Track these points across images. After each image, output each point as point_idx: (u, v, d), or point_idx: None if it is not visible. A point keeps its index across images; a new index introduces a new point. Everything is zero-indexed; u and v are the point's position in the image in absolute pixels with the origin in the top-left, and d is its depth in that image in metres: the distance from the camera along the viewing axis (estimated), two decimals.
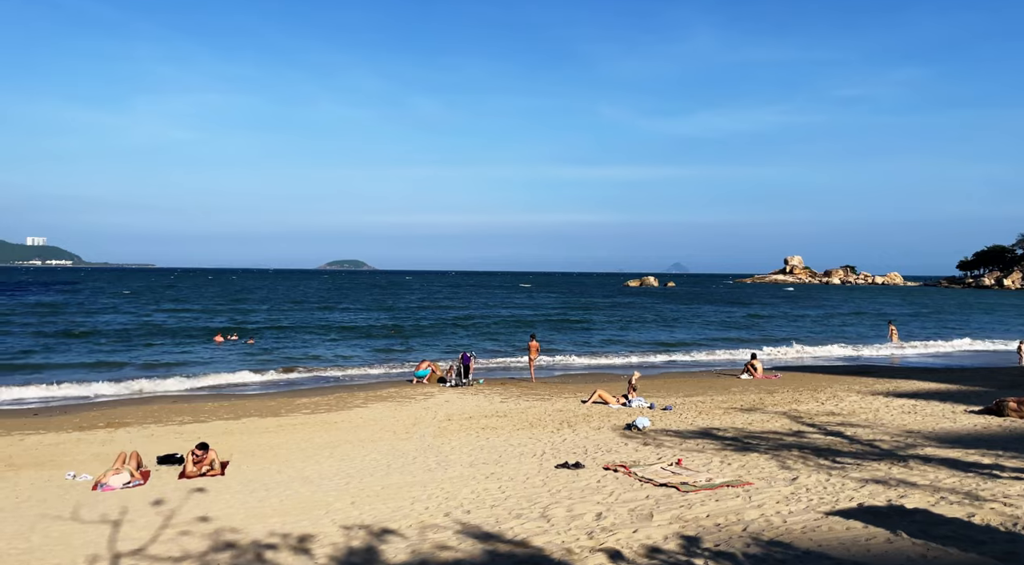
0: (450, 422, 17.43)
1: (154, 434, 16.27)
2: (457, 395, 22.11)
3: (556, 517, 8.88)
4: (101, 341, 37.30)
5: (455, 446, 14.41)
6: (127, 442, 15.06)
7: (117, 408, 20.28)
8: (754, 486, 10.15)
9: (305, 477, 12.02)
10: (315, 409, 19.62)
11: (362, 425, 17.19)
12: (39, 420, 18.28)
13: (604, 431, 15.70)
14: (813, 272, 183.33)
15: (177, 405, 20.72)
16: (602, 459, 12.50)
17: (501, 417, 18.00)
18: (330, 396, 22.16)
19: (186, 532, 8.95)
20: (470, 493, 10.46)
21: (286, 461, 13.35)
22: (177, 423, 17.61)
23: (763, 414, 17.66)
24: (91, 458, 13.74)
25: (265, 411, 19.37)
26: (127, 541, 8.64)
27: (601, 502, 9.54)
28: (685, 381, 25.62)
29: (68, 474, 12.24)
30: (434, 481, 11.42)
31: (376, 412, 19.07)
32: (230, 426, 17.20)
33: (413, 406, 20.09)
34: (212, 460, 12.51)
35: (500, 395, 22.05)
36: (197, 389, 24.57)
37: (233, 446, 14.58)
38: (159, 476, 12.34)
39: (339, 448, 14.47)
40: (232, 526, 9.15)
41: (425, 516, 9.30)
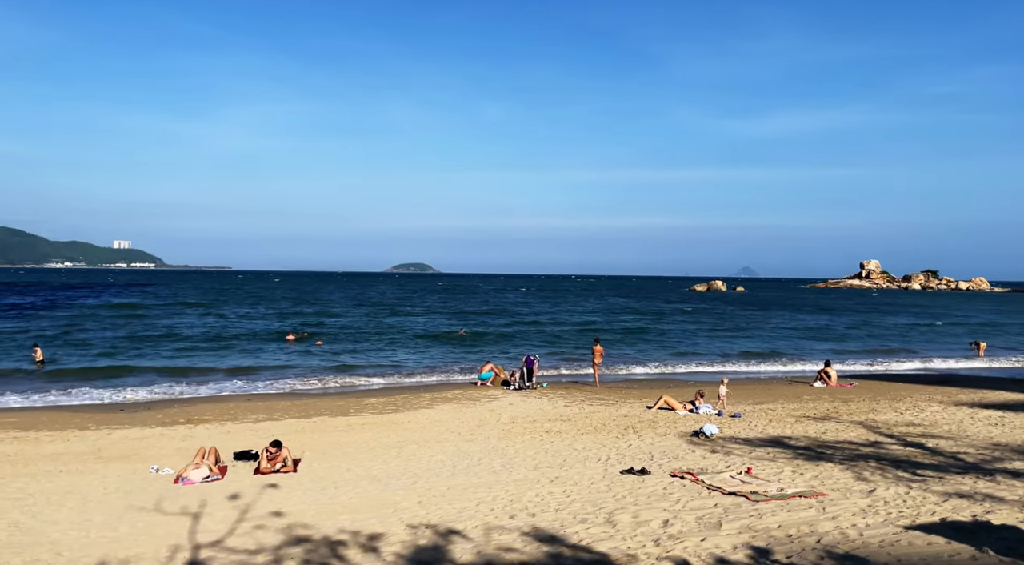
0: (514, 425, 17.49)
1: (231, 431, 16.89)
2: (521, 398, 22.17)
3: (621, 523, 8.80)
4: (181, 341, 38.96)
5: (519, 449, 14.45)
6: (206, 438, 15.67)
7: (196, 405, 21.14)
8: (828, 497, 9.82)
9: (373, 476, 12.27)
10: (382, 409, 19.99)
11: (428, 426, 17.43)
12: (125, 415, 19.22)
13: (670, 437, 15.47)
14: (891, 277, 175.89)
15: (252, 403, 21.47)
16: (668, 466, 12.32)
17: (565, 421, 17.95)
18: (397, 397, 22.56)
19: (261, 526, 9.26)
20: (535, 496, 10.47)
21: (355, 459, 13.65)
22: (252, 420, 18.24)
23: (837, 423, 17.07)
24: (173, 452, 14.36)
25: (335, 410, 19.86)
26: (206, 533, 9.00)
27: (668, 509, 9.41)
28: (754, 388, 25.00)
29: (152, 467, 12.83)
30: (499, 483, 11.48)
31: (441, 413, 19.30)
32: (302, 424, 17.71)
33: (477, 408, 20.24)
34: (285, 457, 12.91)
35: (564, 399, 21.99)
36: (270, 388, 25.38)
37: (304, 444, 15.00)
38: (236, 471, 12.80)
39: (406, 448, 14.71)
40: (304, 522, 9.42)
41: (490, 518, 9.36)
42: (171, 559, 7.96)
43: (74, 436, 15.96)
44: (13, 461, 13.48)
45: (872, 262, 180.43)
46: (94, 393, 23.53)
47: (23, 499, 10.76)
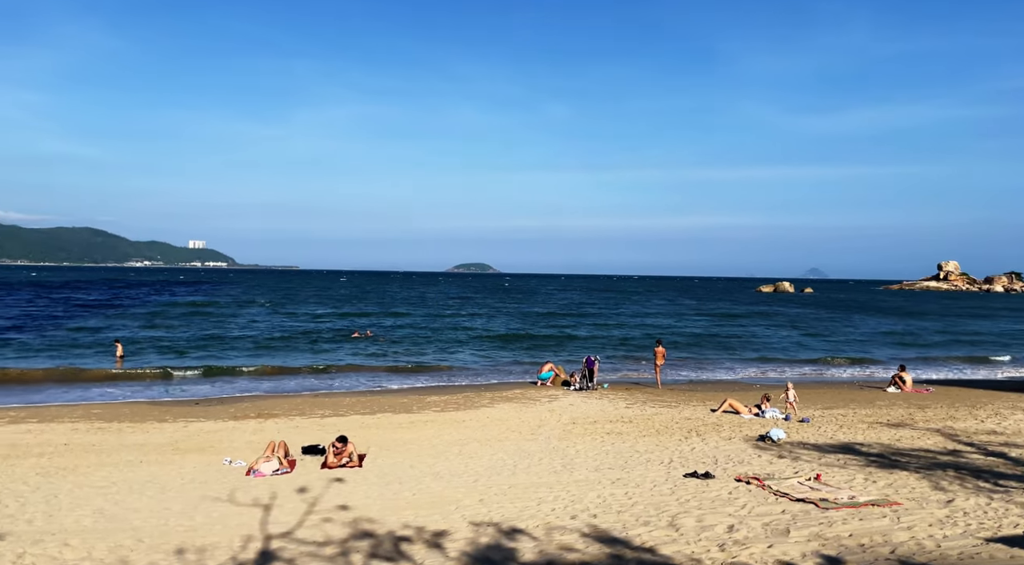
0: (574, 425, 17.45)
1: (299, 425, 17.38)
2: (581, 399, 22.09)
3: (685, 527, 8.68)
4: (250, 339, 40.28)
5: (580, 450, 14.41)
6: (275, 432, 16.17)
7: (266, 400, 21.83)
8: (903, 506, 9.46)
9: (436, 473, 12.44)
10: (444, 407, 20.23)
11: (488, 424, 17.55)
12: (200, 409, 20.00)
13: (735, 441, 15.16)
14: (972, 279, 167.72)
15: (318, 399, 22.05)
16: (733, 470, 12.08)
17: (626, 423, 17.80)
18: (458, 395, 22.79)
19: (328, 519, 9.50)
20: (596, 497, 10.43)
21: (418, 456, 13.86)
22: (319, 416, 18.72)
23: (913, 430, 16.41)
24: (244, 445, 14.87)
25: (398, 407, 20.21)
26: (276, 524, 9.30)
27: (733, 514, 9.23)
28: (823, 392, 24.25)
29: (225, 459, 13.32)
30: (559, 483, 11.48)
31: (502, 412, 19.40)
32: (366, 420, 18.08)
33: (537, 408, 20.27)
34: (351, 452, 13.21)
35: (625, 400, 21.81)
36: (336, 384, 26.00)
37: (369, 439, 15.31)
38: (303, 465, 13.17)
39: (467, 446, 14.85)
40: (369, 516, 9.62)
41: (551, 517, 9.37)
42: (244, 549, 8.25)
43: (153, 428, 16.70)
44: (98, 451, 14.20)
45: (951, 263, 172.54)
46: (171, 388, 24.59)
47: (107, 487, 11.32)
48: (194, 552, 8.11)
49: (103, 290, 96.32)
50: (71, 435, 15.69)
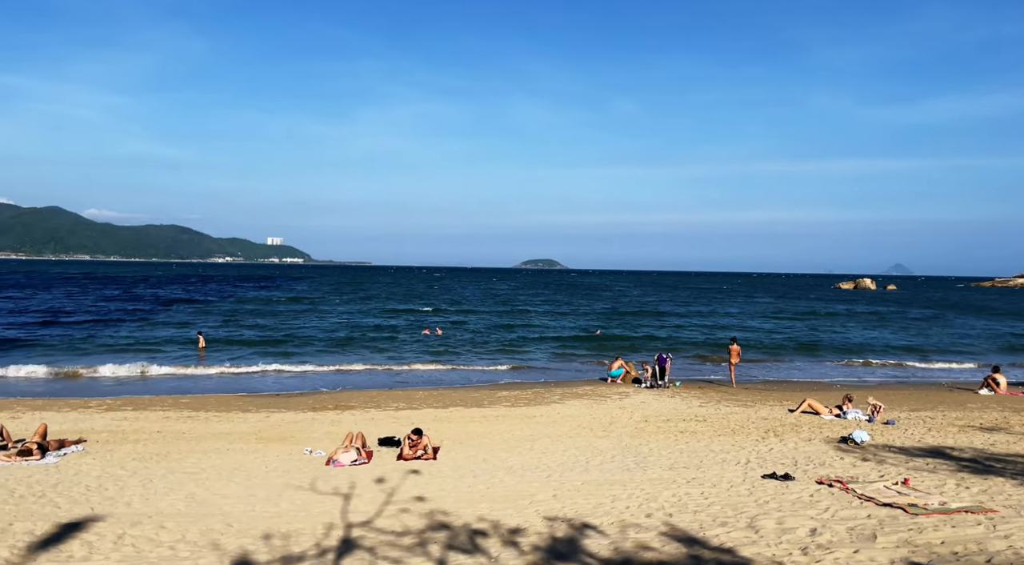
0: (647, 423, 17.26)
1: (374, 417, 17.80)
2: (653, 396, 21.83)
3: (765, 529, 8.48)
4: (327, 331, 41.46)
5: (653, 448, 14.26)
6: (352, 424, 16.61)
7: (343, 392, 22.45)
8: (999, 514, 8.97)
9: (508, 467, 12.53)
10: (515, 403, 20.35)
11: (559, 421, 17.55)
12: (280, 400, 20.72)
13: (815, 443, 14.69)
14: None
15: (393, 392, 22.52)
16: (814, 472, 11.72)
17: (700, 422, 17.50)
18: (528, 391, 22.88)
19: (405, 510, 9.71)
20: (671, 496, 10.29)
21: (490, 450, 14.00)
22: (393, 408, 19.13)
23: (1009, 435, 15.54)
24: (323, 436, 15.34)
25: (469, 401, 20.44)
26: (356, 514, 9.56)
27: (815, 517, 8.96)
28: (910, 394, 23.23)
29: (306, 449, 13.78)
30: (633, 481, 11.39)
31: (572, 409, 19.37)
32: (439, 414, 18.36)
33: (608, 405, 20.15)
34: (425, 445, 13.45)
35: (698, 399, 21.43)
36: (409, 378, 26.49)
37: (443, 433, 15.56)
38: (380, 456, 13.49)
39: (538, 442, 14.90)
40: (445, 508, 9.78)
41: (626, 515, 9.30)
42: (327, 536, 8.51)
43: (238, 418, 17.41)
44: (188, 438, 14.91)
45: None
46: (253, 380, 25.57)
47: (197, 473, 11.88)
48: (280, 538, 8.42)
49: (188, 285, 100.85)
50: (163, 423, 16.52)
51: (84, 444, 13.76)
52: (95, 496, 10.24)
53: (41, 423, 14.12)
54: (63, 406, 18.44)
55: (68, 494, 10.28)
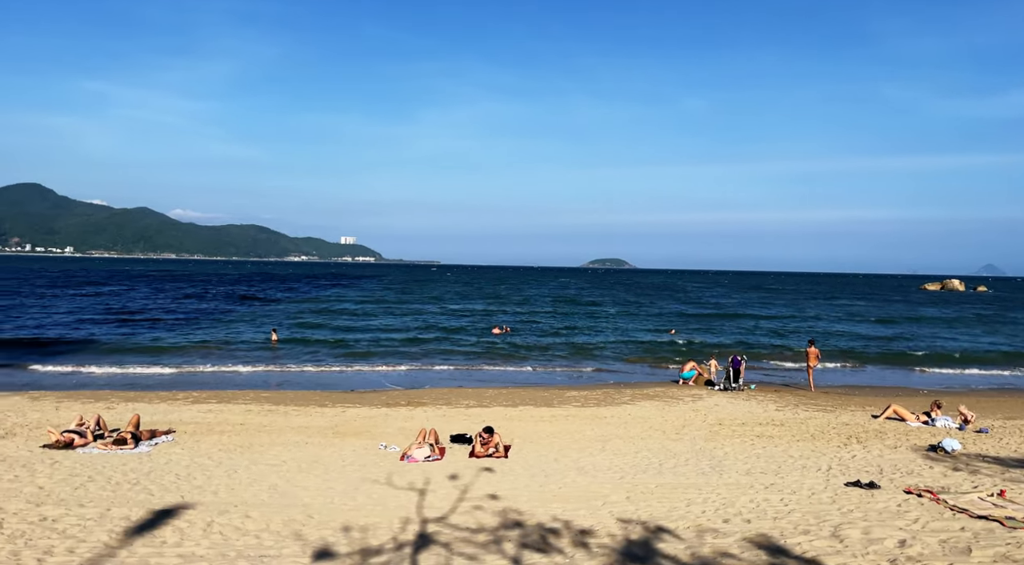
0: (721, 427, 16.89)
1: (446, 414, 18.02)
2: (727, 399, 21.35)
3: (850, 538, 8.17)
4: (397, 330, 42.23)
5: (728, 452, 13.94)
6: (424, 420, 16.87)
7: (414, 389, 22.82)
8: None
9: (580, 467, 12.48)
10: (584, 403, 20.24)
11: (630, 422, 17.37)
12: (355, 396, 21.22)
13: (902, 450, 14.06)
14: None
15: (463, 390, 22.76)
16: (901, 481, 11.22)
17: (777, 426, 17.01)
18: (597, 391, 22.73)
19: (479, 507, 9.79)
20: (749, 502, 10.04)
21: (561, 450, 13.97)
22: (464, 406, 19.32)
23: None
24: (396, 431, 15.63)
25: (539, 401, 20.45)
26: (431, 509, 9.70)
27: (904, 528, 8.58)
28: (1005, 401, 21.98)
29: (381, 444, 14.06)
30: (708, 485, 11.17)
31: (643, 410, 19.13)
32: (509, 412, 18.44)
33: (681, 407, 19.81)
34: (497, 443, 13.53)
35: (775, 403, 20.84)
36: (479, 376, 26.72)
37: (513, 431, 15.61)
38: (452, 453, 13.64)
39: (610, 443, 14.78)
40: (517, 507, 9.81)
41: (702, 519, 9.13)
42: (403, 530, 8.67)
43: (315, 412, 17.92)
44: (269, 431, 15.43)
45: None
46: (327, 376, 26.29)
47: (278, 465, 12.28)
48: (358, 530, 8.62)
49: (264, 282, 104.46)
50: (245, 416, 17.15)
51: (173, 435, 14.43)
52: (185, 484, 10.72)
53: (134, 414, 14.88)
54: (153, 398, 19.38)
55: (160, 482, 10.79)
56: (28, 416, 15.99)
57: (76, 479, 10.73)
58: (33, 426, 14.86)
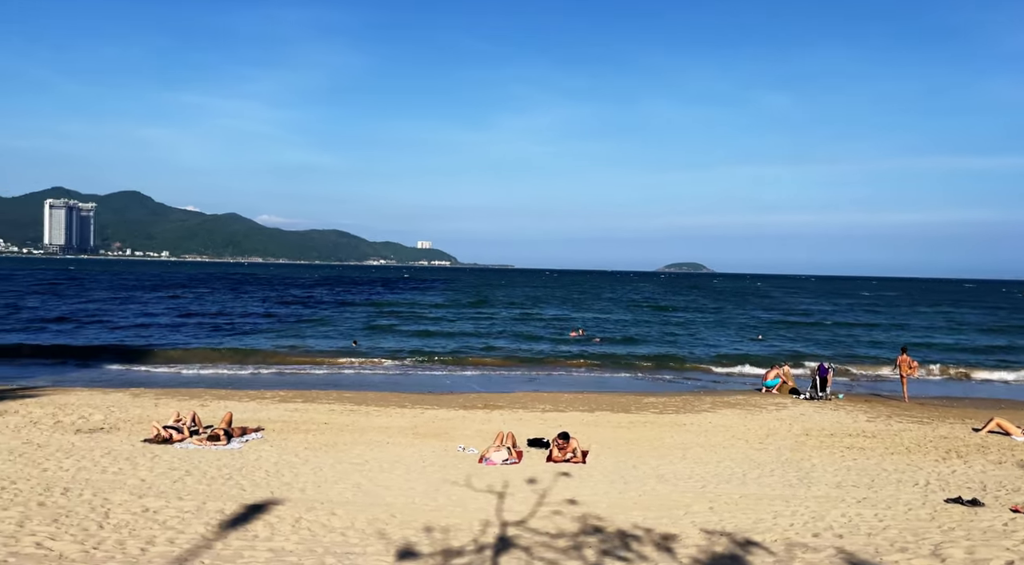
0: (808, 437, 16.28)
1: (522, 418, 18.05)
2: (814, 409, 20.58)
3: (953, 558, 7.72)
4: (472, 335, 42.66)
5: (816, 463, 13.42)
6: (501, 423, 16.94)
7: (490, 393, 22.97)
8: None
9: (660, 475, 12.27)
10: (663, 409, 19.91)
11: (711, 430, 16.96)
12: (432, 397, 21.54)
13: (1007, 466, 13.21)
14: None
15: (539, 394, 22.75)
16: (1007, 499, 10.53)
17: (869, 438, 16.26)
18: (676, 398, 22.31)
19: (558, 512, 9.75)
20: (840, 516, 9.64)
21: (640, 457, 13.77)
22: (540, 410, 19.31)
23: None
24: (474, 434, 15.75)
25: (616, 406, 20.23)
26: (510, 513, 9.73)
27: (1012, 549, 8.05)
28: None
29: (459, 446, 14.21)
30: (796, 497, 10.78)
31: (725, 419, 18.65)
32: (585, 417, 18.31)
33: (764, 416, 19.22)
34: (574, 448, 13.45)
35: (865, 413, 19.94)
36: (555, 380, 26.68)
37: (590, 436, 15.49)
38: (530, 457, 13.65)
39: (690, 451, 14.47)
40: (597, 513, 9.72)
41: (791, 533, 8.82)
42: (483, 533, 8.72)
43: (395, 413, 18.28)
44: (351, 430, 15.84)
45: None
46: (405, 377, 26.79)
47: (361, 464, 12.58)
48: (440, 531, 8.73)
49: (345, 285, 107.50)
50: (329, 415, 17.66)
51: (263, 432, 15.00)
52: (274, 481, 11.12)
53: (227, 411, 15.55)
54: (243, 396, 20.20)
55: (251, 478, 11.23)
56: (130, 412, 16.94)
57: (174, 473, 11.29)
58: (134, 421, 15.73)
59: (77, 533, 8.09)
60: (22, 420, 15.31)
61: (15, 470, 10.99)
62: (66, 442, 13.32)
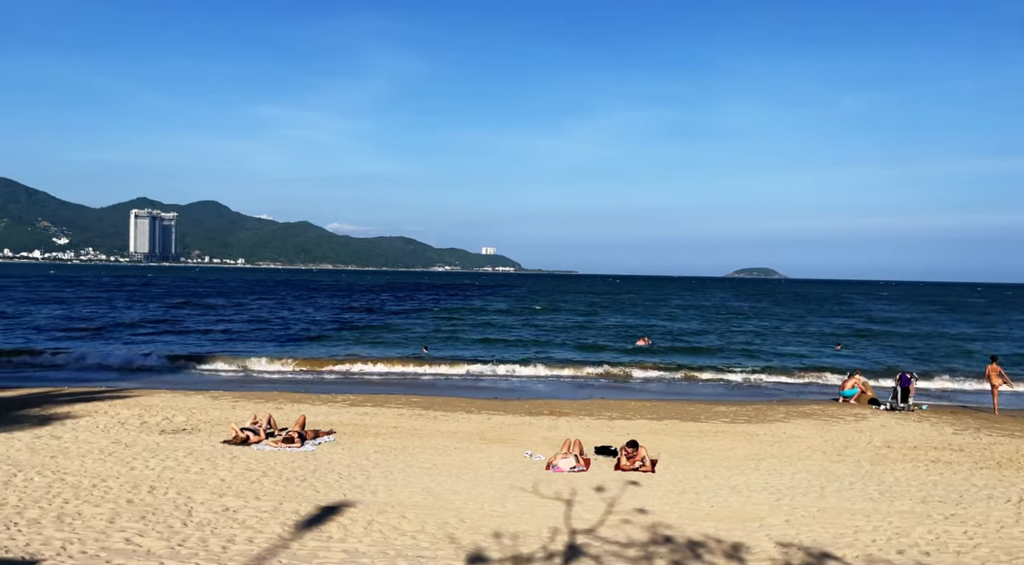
0: (889, 449, 15.61)
1: (588, 425, 17.93)
2: (895, 420, 19.72)
3: None
4: (538, 342, 42.63)
5: (899, 477, 12.85)
6: (567, 430, 16.86)
7: (555, 400, 22.89)
8: None
9: (732, 486, 11.97)
10: (734, 418, 19.44)
11: (785, 441, 16.46)
12: (498, 403, 21.62)
13: None
14: None
15: (605, 401, 22.56)
16: None
17: (956, 451, 15.47)
18: (747, 406, 21.76)
19: (627, 521, 9.63)
20: (926, 533, 9.20)
21: (711, 467, 13.47)
22: (607, 418, 19.14)
23: None
24: (540, 440, 15.73)
25: (684, 415, 19.87)
26: (579, 520, 9.66)
27: None
28: None
29: (526, 452, 14.21)
30: (878, 512, 10.34)
31: (799, 429, 18.08)
32: (653, 426, 18.05)
33: (842, 427, 18.53)
34: (643, 457, 13.27)
35: (951, 425, 18.99)
36: (621, 388, 26.41)
37: (659, 445, 15.25)
38: (597, 465, 13.53)
39: (764, 462, 14.08)
40: (667, 523, 9.56)
41: (873, 549, 8.47)
42: (552, 540, 8.69)
43: (462, 418, 18.43)
44: (419, 435, 16.05)
45: None
46: (470, 383, 26.99)
47: (430, 469, 12.73)
48: (509, 537, 8.74)
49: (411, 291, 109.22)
50: (397, 419, 17.95)
51: (334, 435, 15.35)
52: (346, 483, 11.36)
53: (300, 414, 15.99)
54: (315, 400, 20.74)
55: (324, 480, 11.50)
56: (209, 414, 17.61)
57: (252, 474, 11.67)
58: (214, 423, 16.34)
59: (163, 530, 8.45)
60: (111, 421, 16.11)
61: (105, 468, 11.57)
62: (151, 442, 13.95)
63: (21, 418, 15.87)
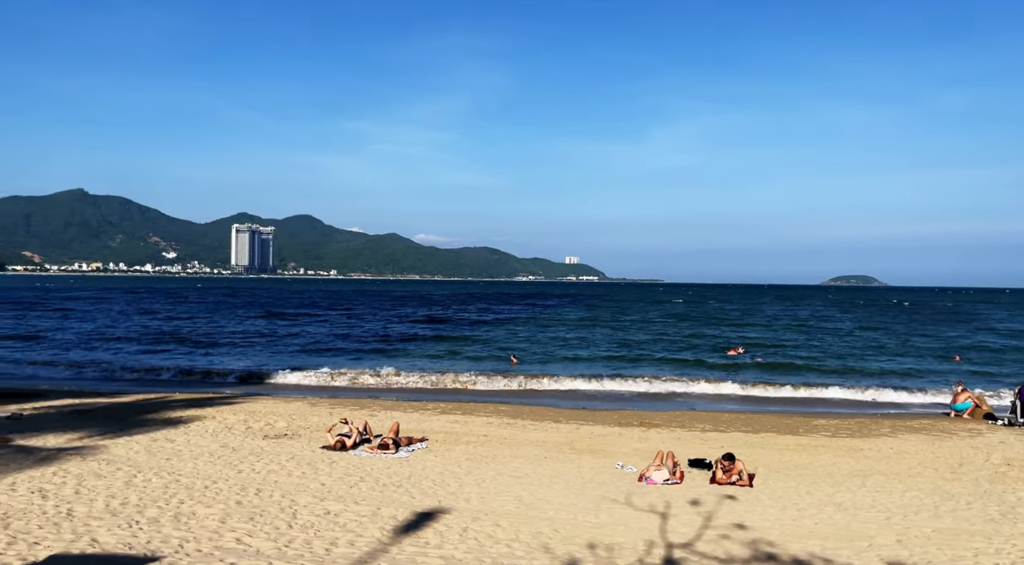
0: (1010, 467, 14.55)
1: (680, 437, 17.55)
2: (1015, 436, 18.38)
3: None
4: (621, 353, 42.13)
5: (1022, 497, 11.95)
6: (659, 442, 16.56)
7: (646, 411, 22.54)
8: None
9: (837, 503, 11.45)
10: (835, 432, 18.60)
11: (893, 457, 15.61)
12: (587, 413, 21.47)
13: None
14: None
15: (697, 412, 22.04)
16: None
17: None
18: (850, 420, 20.79)
19: (725, 536, 9.36)
20: None
21: (813, 483, 12.93)
22: (699, 430, 18.69)
23: None
24: (631, 452, 15.51)
25: (782, 428, 19.17)
26: (675, 534, 9.46)
27: None
28: None
29: (618, 463, 14.04)
30: (1000, 534, 9.66)
31: (907, 444, 17.11)
32: (749, 439, 17.49)
33: (955, 442, 17.41)
34: (740, 470, 12.87)
35: None
36: (713, 398, 25.73)
37: (756, 459, 14.76)
38: (692, 478, 13.22)
39: (870, 478, 13.39)
40: (768, 539, 9.23)
41: None
42: (648, 553, 8.55)
43: (551, 427, 18.41)
44: (509, 443, 16.13)
45: None
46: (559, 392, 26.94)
47: (521, 478, 12.77)
48: (604, 549, 8.65)
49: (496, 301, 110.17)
50: (487, 428, 18.10)
51: (427, 442, 15.64)
52: (440, 490, 11.54)
53: (394, 421, 16.36)
54: (407, 407, 21.20)
55: (419, 486, 11.73)
56: (308, 420, 18.28)
57: (350, 479, 12.03)
58: (313, 429, 16.96)
59: (270, 531, 8.82)
60: (219, 425, 16.97)
61: (215, 471, 12.19)
62: (256, 446, 14.60)
63: (140, 422, 16.95)
